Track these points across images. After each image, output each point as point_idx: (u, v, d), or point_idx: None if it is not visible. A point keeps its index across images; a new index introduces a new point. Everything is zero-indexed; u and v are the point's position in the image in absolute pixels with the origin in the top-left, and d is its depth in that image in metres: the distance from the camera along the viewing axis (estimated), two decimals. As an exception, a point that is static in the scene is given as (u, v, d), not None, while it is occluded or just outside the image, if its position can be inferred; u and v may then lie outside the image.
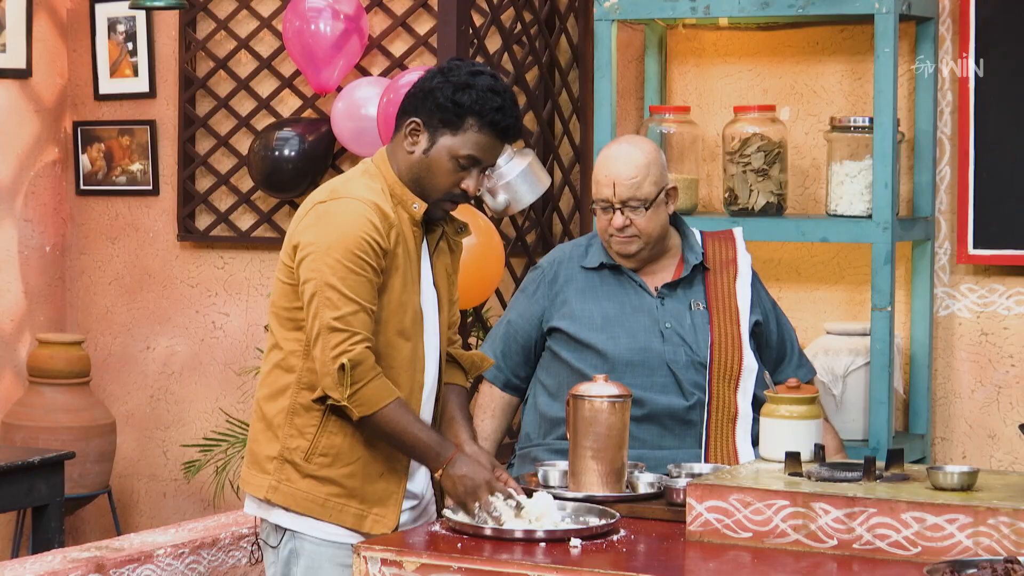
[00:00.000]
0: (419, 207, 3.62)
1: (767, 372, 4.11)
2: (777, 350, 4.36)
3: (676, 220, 4.33)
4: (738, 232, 4.41)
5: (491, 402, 4.35)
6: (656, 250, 4.26)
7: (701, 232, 4.38)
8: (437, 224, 3.72)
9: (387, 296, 3.58)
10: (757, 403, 4.14)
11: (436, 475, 3.58)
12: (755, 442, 4.11)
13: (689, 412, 4.17)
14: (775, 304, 4.42)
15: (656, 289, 4.25)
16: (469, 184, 3.62)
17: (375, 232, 3.53)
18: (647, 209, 4.17)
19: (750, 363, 4.20)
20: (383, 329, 3.58)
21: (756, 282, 4.35)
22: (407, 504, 3.70)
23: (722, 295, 4.27)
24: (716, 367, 4.19)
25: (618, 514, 3.53)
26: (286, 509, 3.62)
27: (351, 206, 3.55)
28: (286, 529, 3.64)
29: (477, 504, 3.52)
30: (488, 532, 3.42)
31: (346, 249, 3.51)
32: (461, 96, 3.57)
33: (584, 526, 3.46)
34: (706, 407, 4.18)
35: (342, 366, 3.48)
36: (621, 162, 4.18)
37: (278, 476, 3.62)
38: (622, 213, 4.17)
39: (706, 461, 4.13)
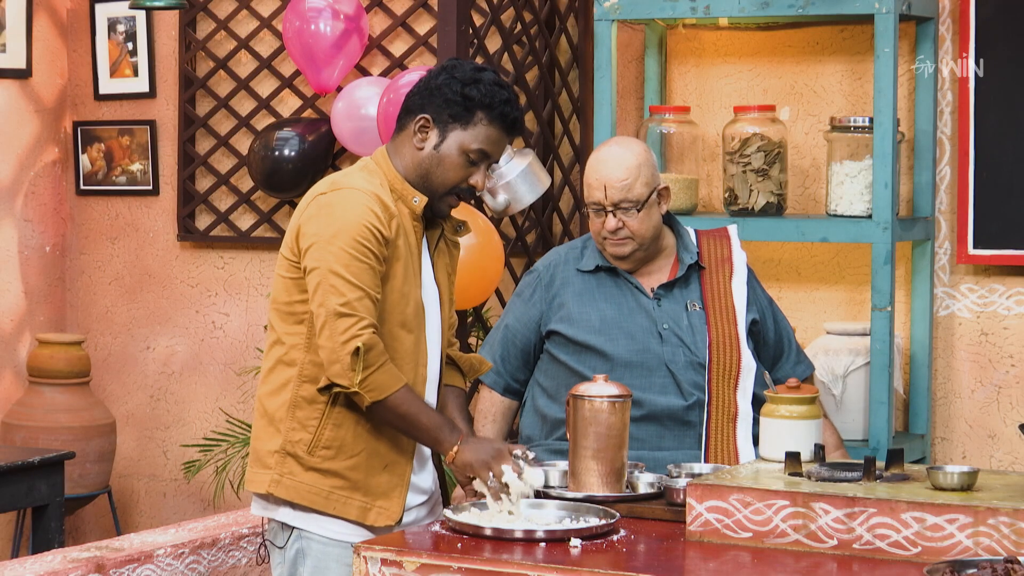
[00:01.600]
0: (419, 201, 3.64)
1: (766, 372, 4.11)
2: (775, 347, 4.36)
3: (670, 220, 4.33)
4: (733, 230, 4.41)
5: (491, 407, 4.35)
6: (650, 251, 4.25)
7: (696, 231, 4.38)
8: (436, 223, 3.74)
9: (389, 285, 3.60)
10: (757, 402, 4.14)
11: (447, 458, 3.58)
12: (756, 442, 4.11)
13: (688, 412, 4.17)
14: (771, 301, 4.42)
15: (652, 290, 4.25)
16: (477, 179, 3.67)
17: (376, 220, 3.56)
18: (639, 211, 4.17)
19: (748, 362, 4.20)
20: (385, 320, 3.60)
21: (752, 279, 4.35)
22: (417, 500, 3.72)
23: (718, 294, 4.27)
24: (715, 367, 4.18)
25: (618, 514, 3.53)
26: (291, 505, 3.63)
27: (352, 196, 3.58)
28: (292, 528, 3.65)
29: (491, 475, 3.53)
30: (488, 532, 3.42)
31: (349, 237, 3.53)
32: (470, 90, 3.62)
33: (584, 526, 3.46)
34: (706, 407, 4.18)
35: (356, 350, 3.48)
36: (611, 165, 4.18)
37: (280, 470, 3.62)
38: (614, 215, 4.17)
39: (707, 461, 4.13)
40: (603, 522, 3.47)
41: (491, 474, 3.54)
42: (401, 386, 3.55)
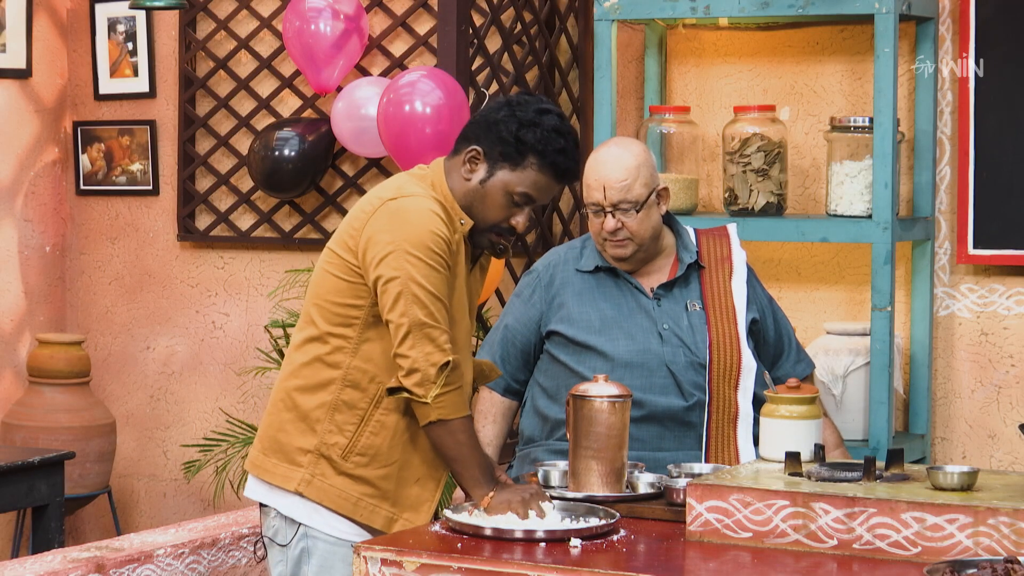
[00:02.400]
0: (466, 223, 3.62)
1: (767, 372, 4.11)
2: (775, 346, 4.36)
3: (669, 219, 4.33)
4: (732, 228, 4.41)
5: (491, 408, 4.35)
6: (650, 251, 4.25)
7: (695, 230, 4.38)
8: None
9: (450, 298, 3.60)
10: (758, 402, 4.14)
11: (482, 502, 3.52)
12: (756, 442, 4.11)
13: (688, 413, 4.17)
14: (771, 299, 4.42)
15: (652, 290, 4.25)
16: (519, 220, 3.64)
17: (445, 228, 3.55)
18: (638, 211, 4.17)
19: (749, 362, 4.20)
20: None
21: (752, 278, 4.35)
22: None
23: (718, 294, 4.27)
24: (715, 367, 4.18)
25: (618, 514, 3.53)
26: (300, 495, 3.61)
27: (422, 203, 3.56)
28: (299, 525, 3.64)
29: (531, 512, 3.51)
30: (488, 532, 3.42)
31: (425, 246, 3.51)
32: (526, 133, 3.58)
33: (584, 526, 3.46)
34: (706, 407, 4.18)
35: (446, 363, 3.48)
36: (610, 165, 4.18)
37: (312, 470, 3.61)
38: (613, 216, 4.17)
39: (707, 461, 4.13)
40: (603, 522, 3.47)
41: (531, 511, 3.50)
42: (467, 414, 3.55)
